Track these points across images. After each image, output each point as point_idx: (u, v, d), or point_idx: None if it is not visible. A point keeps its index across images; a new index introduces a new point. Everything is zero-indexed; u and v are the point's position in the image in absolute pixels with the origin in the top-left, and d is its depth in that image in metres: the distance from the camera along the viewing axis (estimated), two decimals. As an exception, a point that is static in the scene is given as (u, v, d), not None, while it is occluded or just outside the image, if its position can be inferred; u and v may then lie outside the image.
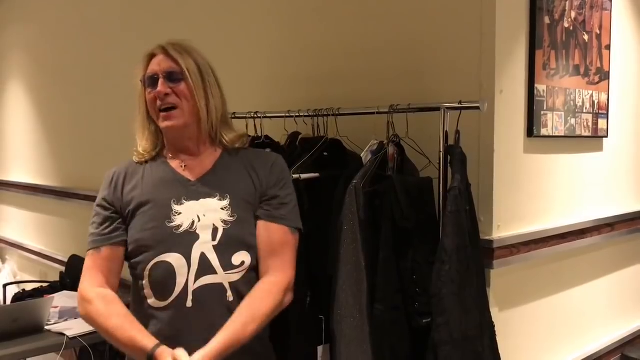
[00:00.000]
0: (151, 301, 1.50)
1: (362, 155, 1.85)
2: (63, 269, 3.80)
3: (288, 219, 1.57)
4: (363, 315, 1.62)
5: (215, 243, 1.49)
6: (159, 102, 1.52)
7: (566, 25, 2.06)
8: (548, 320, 2.11)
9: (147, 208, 1.53)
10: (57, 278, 3.59)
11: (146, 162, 1.62)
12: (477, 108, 1.65)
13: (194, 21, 2.94)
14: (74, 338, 2.44)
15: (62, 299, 2.84)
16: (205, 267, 1.48)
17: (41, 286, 3.42)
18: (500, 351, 1.71)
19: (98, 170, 3.86)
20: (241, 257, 1.51)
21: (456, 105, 1.67)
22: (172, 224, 1.50)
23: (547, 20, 1.96)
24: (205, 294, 1.47)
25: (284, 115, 2.08)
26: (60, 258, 4.12)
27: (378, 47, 2.10)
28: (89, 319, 1.51)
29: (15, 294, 3.32)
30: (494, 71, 1.79)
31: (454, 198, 1.58)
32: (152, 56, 1.57)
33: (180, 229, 1.50)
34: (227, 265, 1.49)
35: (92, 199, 3.72)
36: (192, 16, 2.95)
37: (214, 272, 1.48)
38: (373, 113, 1.83)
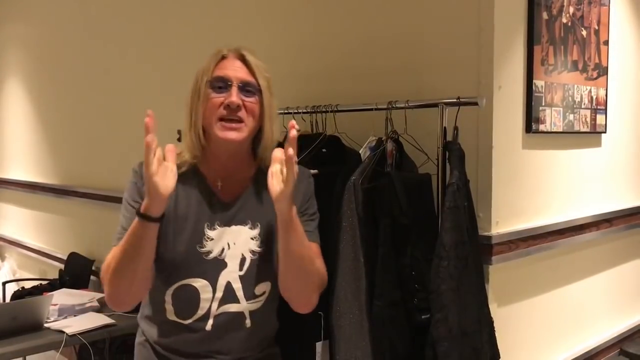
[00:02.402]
0: (171, 316, 1.49)
1: (360, 152, 1.85)
2: (62, 266, 3.80)
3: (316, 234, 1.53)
4: (362, 312, 1.62)
5: (242, 273, 1.47)
6: (224, 111, 1.40)
7: (564, 20, 2.06)
8: (547, 316, 2.11)
9: (180, 227, 1.46)
10: (56, 276, 3.59)
11: (182, 171, 1.44)
12: (476, 104, 1.65)
13: (193, 19, 2.94)
14: (74, 335, 2.44)
15: (61, 297, 2.84)
16: (229, 296, 1.47)
17: (40, 284, 3.42)
18: (499, 347, 1.71)
19: (97, 168, 3.88)
20: (263, 287, 1.51)
21: (454, 101, 1.67)
22: (203, 250, 1.46)
23: (545, 15, 1.96)
24: (225, 320, 1.47)
25: (282, 111, 2.08)
26: (59, 256, 4.11)
27: (376, 43, 2.10)
28: (111, 279, 1.38)
29: (15, 292, 3.33)
30: (492, 67, 1.79)
31: (452, 194, 1.58)
32: (223, 57, 1.46)
33: (210, 255, 1.46)
34: (250, 295, 1.49)
35: (91, 196, 3.77)
36: (191, 14, 2.95)
37: (237, 302, 1.47)
38: (371, 109, 1.83)
